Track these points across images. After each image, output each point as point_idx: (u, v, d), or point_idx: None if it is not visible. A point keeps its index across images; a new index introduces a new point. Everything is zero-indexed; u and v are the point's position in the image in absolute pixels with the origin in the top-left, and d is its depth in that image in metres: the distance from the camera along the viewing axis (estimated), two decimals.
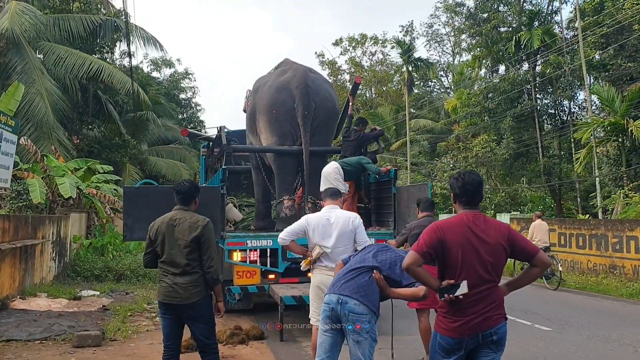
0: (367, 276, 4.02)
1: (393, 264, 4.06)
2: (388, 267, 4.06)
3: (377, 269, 4.04)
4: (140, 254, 15.79)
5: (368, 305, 3.98)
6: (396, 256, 4.12)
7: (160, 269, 4.58)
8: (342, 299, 3.97)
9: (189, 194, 4.67)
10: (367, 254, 4.22)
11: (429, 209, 6.28)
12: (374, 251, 4.21)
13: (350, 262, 4.25)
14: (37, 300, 10.05)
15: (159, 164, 28.28)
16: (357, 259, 4.23)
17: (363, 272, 4.04)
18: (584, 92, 27.16)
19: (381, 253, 4.17)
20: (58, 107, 17.79)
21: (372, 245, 4.54)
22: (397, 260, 4.03)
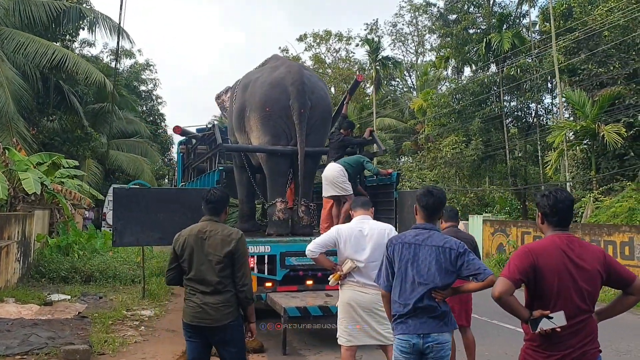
0: (436, 304, 3.62)
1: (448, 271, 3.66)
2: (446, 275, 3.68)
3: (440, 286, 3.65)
4: (107, 254, 15.10)
5: (450, 329, 3.67)
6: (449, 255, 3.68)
7: (187, 287, 4.11)
8: (423, 336, 3.59)
9: (220, 203, 4.20)
10: (419, 269, 3.65)
11: (453, 219, 5.95)
12: (427, 265, 3.65)
13: (404, 290, 3.68)
14: (5, 306, 9.32)
15: (120, 158, 27.31)
16: (410, 283, 3.66)
17: (430, 300, 3.62)
18: (550, 95, 27.70)
19: (435, 262, 3.67)
20: (19, 96, 16.82)
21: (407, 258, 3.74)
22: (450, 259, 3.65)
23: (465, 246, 3.72)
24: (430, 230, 3.76)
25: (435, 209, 3.83)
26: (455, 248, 3.64)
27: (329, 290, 7.74)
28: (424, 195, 3.84)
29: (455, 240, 3.73)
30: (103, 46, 37.26)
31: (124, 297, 10.72)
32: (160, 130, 37.86)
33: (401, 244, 3.77)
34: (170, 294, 11.52)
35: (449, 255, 3.62)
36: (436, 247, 3.65)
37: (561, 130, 19.52)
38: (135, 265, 13.87)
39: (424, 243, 3.69)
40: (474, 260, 3.62)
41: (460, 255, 3.62)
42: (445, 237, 3.75)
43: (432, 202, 3.80)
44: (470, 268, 3.60)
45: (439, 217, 3.92)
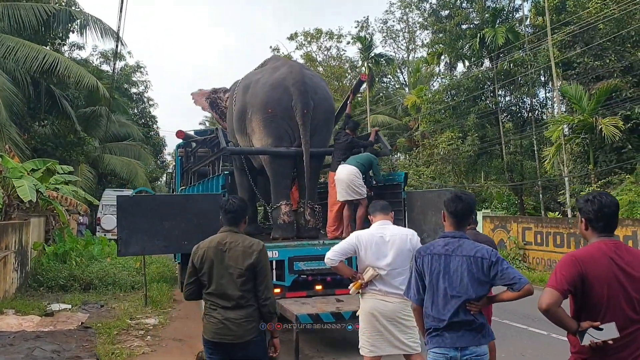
0: (472, 317, 3.46)
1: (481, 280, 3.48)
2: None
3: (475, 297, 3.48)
4: (105, 260, 14.88)
5: (488, 340, 3.51)
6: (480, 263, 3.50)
7: (207, 302, 3.92)
8: (461, 349, 3.42)
9: (239, 212, 4.01)
10: (451, 281, 3.47)
11: (473, 221, 5.80)
12: (460, 275, 3.47)
13: (436, 304, 3.51)
14: (5, 318, 9.10)
15: (113, 162, 27.04)
16: (442, 296, 3.48)
17: (466, 313, 3.46)
18: (544, 89, 27.62)
19: (468, 273, 3.48)
20: (10, 102, 16.51)
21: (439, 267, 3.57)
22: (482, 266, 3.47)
23: (498, 254, 3.56)
24: (460, 239, 3.58)
25: (465, 215, 3.67)
26: (488, 257, 3.46)
27: (339, 295, 7.60)
28: (452, 201, 3.69)
29: (487, 248, 3.56)
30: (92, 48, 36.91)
31: (126, 305, 10.52)
32: (152, 132, 37.54)
33: (430, 255, 3.60)
34: (172, 301, 11.34)
35: (482, 265, 3.45)
36: (467, 257, 3.48)
37: (558, 124, 19.44)
38: (135, 271, 13.67)
39: (454, 253, 3.52)
40: (508, 269, 3.45)
41: (494, 265, 3.45)
42: (477, 245, 3.57)
43: (461, 207, 3.64)
44: (505, 277, 3.43)
45: (468, 223, 3.75)
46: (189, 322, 9.30)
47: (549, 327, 8.57)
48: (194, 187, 10.94)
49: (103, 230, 26.36)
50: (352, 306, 6.95)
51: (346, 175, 7.90)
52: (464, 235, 3.62)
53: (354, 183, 7.84)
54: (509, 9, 27.48)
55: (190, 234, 7.15)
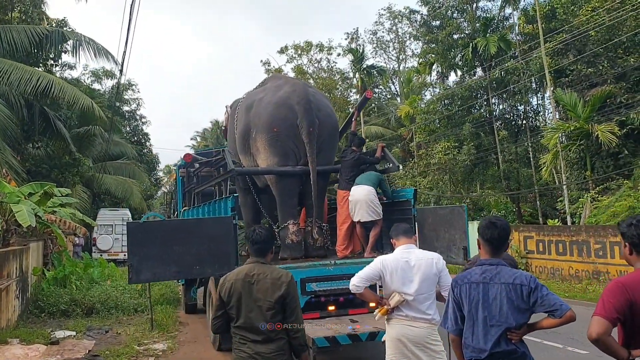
0: (514, 346, 3.35)
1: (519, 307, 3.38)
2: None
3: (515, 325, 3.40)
4: (105, 283, 14.70)
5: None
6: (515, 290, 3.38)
7: (236, 336, 3.82)
8: None
9: (266, 243, 3.91)
10: (490, 309, 3.37)
11: None
12: (497, 303, 3.36)
13: (476, 334, 3.41)
14: (10, 348, 8.92)
15: (107, 181, 26.87)
16: (482, 325, 3.38)
17: (507, 343, 3.35)
18: (536, 97, 27.78)
19: (506, 299, 3.36)
20: (4, 126, 16.33)
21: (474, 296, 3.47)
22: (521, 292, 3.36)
23: (537, 280, 3.44)
24: (497, 266, 3.47)
25: (501, 241, 3.54)
26: (527, 283, 3.35)
27: (352, 315, 7.50)
28: (487, 228, 3.55)
29: (526, 275, 3.45)
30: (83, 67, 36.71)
31: (131, 330, 10.35)
32: (145, 149, 37.35)
33: (468, 283, 3.49)
34: (178, 324, 11.17)
35: (521, 292, 3.33)
36: (506, 284, 3.37)
37: (555, 132, 19.52)
38: (137, 293, 13.50)
39: (492, 281, 3.41)
40: (548, 295, 3.34)
41: (533, 291, 3.33)
42: (515, 271, 3.46)
43: (497, 234, 3.51)
44: (545, 304, 3.31)
45: (505, 249, 3.65)
46: (198, 346, 9.16)
47: (564, 341, 8.53)
48: (198, 208, 10.82)
49: (99, 250, 26.13)
50: (368, 327, 6.88)
51: (365, 195, 7.84)
52: (501, 262, 3.50)
53: (373, 202, 7.79)
54: (500, 17, 27.65)
55: (201, 258, 7.06)
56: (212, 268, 7.14)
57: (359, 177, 8.20)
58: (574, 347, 8.16)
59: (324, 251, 8.47)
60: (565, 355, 7.91)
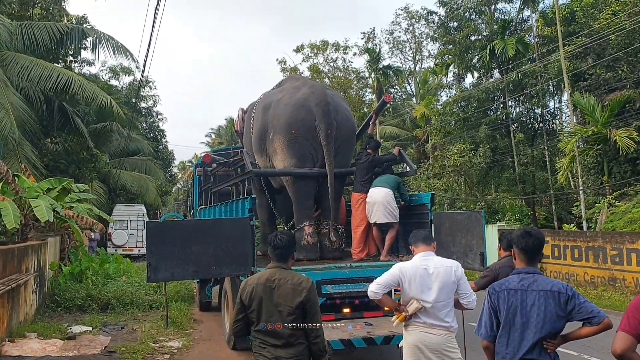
0: (547, 356, 3.39)
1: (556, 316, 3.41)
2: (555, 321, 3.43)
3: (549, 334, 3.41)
4: (121, 278, 14.83)
5: None
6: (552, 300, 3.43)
7: (256, 340, 3.87)
8: None
9: (287, 249, 3.96)
10: (528, 316, 3.42)
11: (511, 249, 5.71)
12: (531, 314, 3.42)
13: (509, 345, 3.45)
14: (28, 342, 9.04)
15: (123, 177, 27.07)
16: (519, 332, 3.42)
17: (540, 351, 3.39)
18: (553, 100, 27.59)
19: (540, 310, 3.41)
20: (23, 121, 16.54)
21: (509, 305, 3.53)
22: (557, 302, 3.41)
23: (573, 289, 3.49)
24: (534, 275, 3.54)
25: (536, 250, 3.61)
26: (564, 291, 3.41)
27: (367, 318, 7.52)
28: (522, 237, 3.62)
29: (563, 283, 3.51)
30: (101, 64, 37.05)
31: (146, 327, 10.47)
32: (161, 146, 37.60)
33: (506, 290, 3.54)
34: (192, 321, 11.27)
35: (559, 299, 3.39)
36: (544, 291, 3.44)
37: (572, 136, 19.38)
38: (152, 289, 13.61)
39: (530, 288, 3.47)
40: (585, 303, 3.40)
41: (570, 299, 3.39)
42: (552, 280, 3.53)
43: (532, 243, 3.58)
44: (583, 312, 3.37)
45: (540, 259, 3.69)
46: (213, 344, 9.23)
47: (580, 348, 8.48)
48: (215, 208, 10.89)
49: (114, 245, 26.39)
50: (383, 330, 6.91)
51: (383, 197, 7.87)
52: (537, 271, 3.57)
53: (390, 205, 7.83)
54: (518, 20, 27.48)
55: (219, 259, 7.10)
56: (230, 268, 7.19)
57: (377, 180, 8.22)
58: (590, 355, 8.13)
59: (340, 253, 8.49)
60: None
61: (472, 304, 4.64)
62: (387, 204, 7.83)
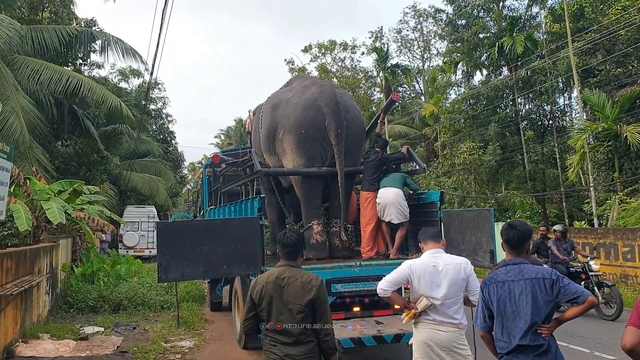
0: (543, 340, 3.50)
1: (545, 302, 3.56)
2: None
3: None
4: (132, 280, 14.92)
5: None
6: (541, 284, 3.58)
7: (267, 337, 3.89)
8: None
9: (297, 247, 3.97)
10: (517, 304, 3.59)
11: None
12: (527, 302, 3.57)
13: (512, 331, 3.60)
14: (42, 343, 9.13)
15: (134, 179, 27.22)
16: (511, 320, 3.59)
17: (534, 336, 3.51)
18: (563, 97, 27.44)
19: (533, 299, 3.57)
20: (33, 125, 16.68)
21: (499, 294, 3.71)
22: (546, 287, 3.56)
23: (558, 273, 3.67)
24: (520, 265, 3.72)
25: (519, 242, 3.81)
26: (549, 276, 3.59)
27: (377, 317, 7.53)
28: (505, 230, 3.86)
29: (547, 269, 3.70)
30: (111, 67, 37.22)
31: (158, 327, 10.52)
32: (171, 147, 37.77)
33: (495, 283, 3.73)
34: (204, 321, 11.32)
35: (544, 285, 3.57)
36: (530, 279, 3.62)
37: (582, 132, 19.26)
38: (163, 290, 13.68)
39: (516, 278, 3.66)
40: (569, 285, 3.56)
41: (555, 282, 3.57)
42: (536, 267, 3.69)
43: (514, 235, 3.80)
44: (568, 293, 3.53)
45: (525, 249, 3.85)
46: (224, 344, 9.27)
47: (591, 345, 8.47)
48: (224, 208, 10.93)
49: (125, 247, 26.53)
50: (393, 329, 6.91)
51: (394, 198, 7.90)
52: (524, 261, 3.74)
53: (401, 205, 7.86)
54: (526, 17, 27.36)
55: (229, 258, 7.14)
56: (240, 268, 7.22)
57: (385, 180, 8.22)
58: (602, 352, 8.08)
59: (350, 252, 8.50)
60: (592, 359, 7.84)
61: None
62: (398, 205, 7.87)
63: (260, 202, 7.79)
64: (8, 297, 7.99)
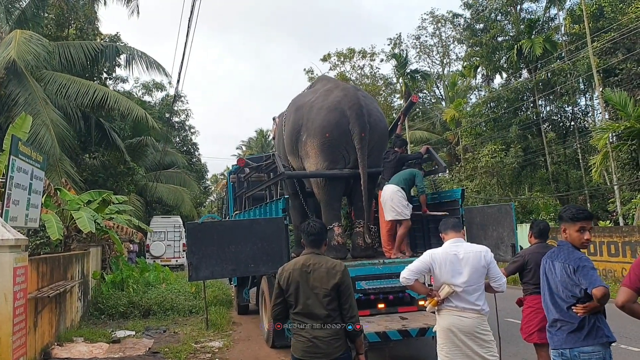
0: (576, 318, 3.71)
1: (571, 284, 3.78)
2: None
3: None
4: (160, 286, 15.22)
5: (594, 342, 3.69)
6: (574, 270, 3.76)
7: (295, 322, 4.09)
8: (569, 350, 3.76)
9: (320, 235, 4.16)
10: (553, 288, 3.91)
11: (542, 236, 5.84)
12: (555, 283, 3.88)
13: (548, 307, 3.95)
14: (76, 346, 9.42)
15: (159, 190, 27.66)
16: (549, 298, 3.92)
17: (562, 313, 3.76)
18: (584, 97, 27.30)
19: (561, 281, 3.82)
20: (62, 137, 17.16)
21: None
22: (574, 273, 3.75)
23: (581, 262, 3.75)
24: (560, 247, 3.98)
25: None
26: (574, 264, 3.76)
27: (402, 313, 7.65)
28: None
29: (576, 257, 3.80)
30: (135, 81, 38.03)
31: (187, 330, 10.76)
32: (194, 159, 38.32)
33: (545, 259, 4.11)
34: (232, 323, 11.55)
35: (569, 271, 3.77)
36: (561, 263, 3.85)
37: (604, 132, 19.17)
38: (191, 295, 13.95)
39: (556, 259, 3.94)
40: (588, 274, 3.68)
41: (577, 270, 3.73)
42: (573, 253, 3.85)
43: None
44: (582, 282, 3.68)
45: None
46: (252, 344, 9.48)
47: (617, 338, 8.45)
48: (249, 212, 11.17)
49: (152, 256, 26.90)
50: (418, 323, 7.03)
51: (388, 195, 8.01)
52: (564, 244, 3.96)
53: (394, 202, 7.91)
54: (545, 19, 27.34)
55: (255, 257, 7.36)
56: (266, 266, 7.44)
57: (393, 177, 8.30)
58: (627, 345, 8.12)
59: (373, 251, 8.61)
60: (617, 352, 7.86)
61: (502, 287, 4.79)
62: (391, 202, 7.96)
63: (284, 202, 7.98)
64: (45, 299, 8.31)
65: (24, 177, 8.12)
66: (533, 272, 5.56)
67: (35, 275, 8.06)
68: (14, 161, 7.51)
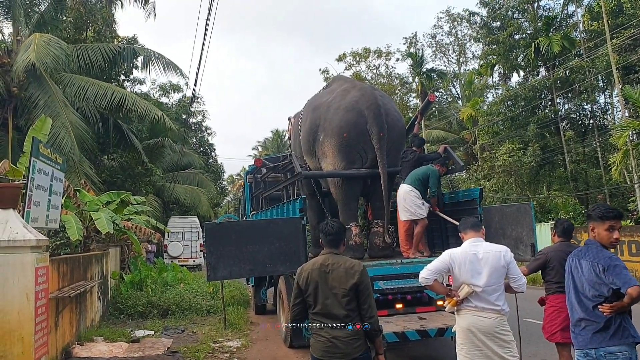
0: (602, 317, 3.70)
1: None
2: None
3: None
4: (178, 286, 15.31)
5: (620, 342, 3.67)
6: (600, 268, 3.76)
7: (314, 322, 4.08)
8: (594, 350, 3.75)
9: (339, 235, 4.15)
10: (579, 286, 3.91)
11: (565, 235, 5.80)
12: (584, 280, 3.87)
13: (573, 306, 3.96)
14: (96, 345, 9.50)
15: (177, 190, 27.85)
16: (574, 297, 3.93)
17: (591, 313, 3.75)
18: (603, 95, 26.98)
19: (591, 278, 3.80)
20: (82, 139, 17.34)
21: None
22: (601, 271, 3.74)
23: (612, 261, 3.74)
24: (588, 246, 3.97)
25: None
26: (604, 263, 3.75)
27: (420, 313, 7.63)
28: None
29: (605, 256, 3.79)
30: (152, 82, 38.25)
31: (206, 329, 10.82)
32: (211, 160, 38.52)
33: (571, 257, 4.11)
34: (249, 323, 11.59)
35: (597, 270, 3.76)
36: (590, 261, 3.84)
37: (624, 129, 18.93)
38: (209, 295, 14.03)
39: (584, 257, 3.92)
40: (620, 274, 3.67)
41: (607, 269, 3.71)
42: (601, 252, 3.84)
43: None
44: (614, 283, 3.65)
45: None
46: (270, 344, 9.50)
47: None
48: (266, 212, 11.20)
49: (170, 257, 27.07)
50: (437, 323, 7.00)
51: (402, 195, 7.99)
52: (592, 243, 3.96)
53: (407, 203, 7.90)
54: (562, 16, 27.07)
55: (273, 256, 7.38)
56: (284, 266, 7.45)
57: (408, 176, 8.26)
58: None
59: (391, 251, 8.59)
60: None
61: (522, 288, 4.74)
62: (404, 202, 7.95)
63: (301, 202, 7.98)
64: (65, 299, 8.39)
65: (44, 179, 8.20)
66: (556, 271, 5.53)
67: (56, 275, 8.14)
68: (34, 163, 7.58)
